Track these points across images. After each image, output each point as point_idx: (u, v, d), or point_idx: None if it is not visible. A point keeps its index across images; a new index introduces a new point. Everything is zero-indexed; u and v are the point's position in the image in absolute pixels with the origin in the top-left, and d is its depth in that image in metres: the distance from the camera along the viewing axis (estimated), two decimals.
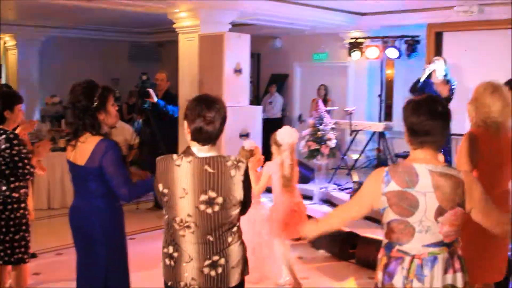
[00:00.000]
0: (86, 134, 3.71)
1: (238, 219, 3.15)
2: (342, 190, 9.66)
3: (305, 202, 8.75)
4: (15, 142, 4.52)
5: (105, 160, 3.64)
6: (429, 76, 8.46)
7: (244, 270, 3.19)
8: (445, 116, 2.86)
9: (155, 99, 8.24)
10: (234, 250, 3.10)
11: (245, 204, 3.14)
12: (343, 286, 5.96)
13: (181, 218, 3.03)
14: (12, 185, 4.63)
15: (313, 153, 9.20)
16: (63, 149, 3.77)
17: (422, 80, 8.38)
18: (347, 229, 6.76)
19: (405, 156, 4.26)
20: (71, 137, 3.80)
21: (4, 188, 4.61)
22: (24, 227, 4.74)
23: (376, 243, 2.86)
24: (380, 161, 11.16)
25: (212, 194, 2.97)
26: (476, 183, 2.84)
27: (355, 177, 9.60)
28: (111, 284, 3.82)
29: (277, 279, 5.65)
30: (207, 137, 3.03)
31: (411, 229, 2.77)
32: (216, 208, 2.98)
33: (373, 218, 7.27)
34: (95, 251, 3.78)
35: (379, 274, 2.91)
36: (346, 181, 9.94)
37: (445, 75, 8.25)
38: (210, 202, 2.98)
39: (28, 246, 4.79)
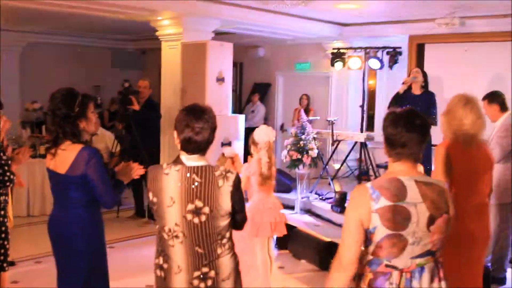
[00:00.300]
0: (67, 142, 3.68)
1: (229, 231, 3.11)
2: (324, 199, 9.67)
3: (286, 211, 8.83)
4: None
5: (89, 169, 3.61)
6: (410, 88, 8.49)
7: (237, 282, 3.15)
8: (423, 129, 2.84)
9: (137, 107, 8.20)
10: (225, 262, 3.07)
11: (238, 217, 3.13)
12: None
13: (169, 228, 3.03)
14: None
15: (295, 163, 9.21)
16: (43, 156, 3.71)
17: (400, 92, 8.42)
18: (327, 239, 6.77)
19: (386, 166, 4.26)
20: (50, 144, 3.75)
21: None
22: (3, 235, 4.68)
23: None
24: (362, 171, 11.20)
25: (199, 203, 2.96)
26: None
27: (337, 187, 9.64)
28: None
29: None
30: (196, 147, 3.03)
31: (404, 242, 2.73)
32: (203, 218, 2.97)
33: None
34: (75, 261, 3.74)
35: None
36: (328, 191, 9.96)
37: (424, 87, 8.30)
38: (197, 212, 2.96)
39: (7, 254, 4.74)
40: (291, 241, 7.08)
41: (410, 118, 2.84)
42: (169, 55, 9.30)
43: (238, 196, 3.05)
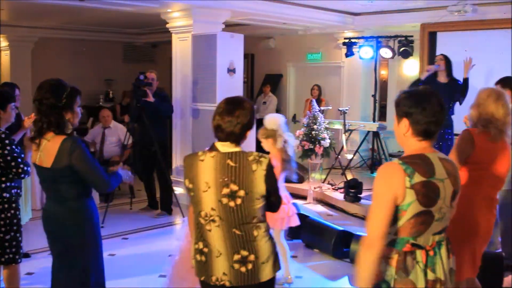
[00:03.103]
0: (50, 133, 3.66)
1: (264, 214, 3.19)
2: (336, 189, 9.65)
3: (299, 201, 8.84)
4: (6, 141, 4.47)
5: (74, 160, 3.59)
6: (436, 75, 8.42)
7: (275, 266, 3.23)
8: (444, 109, 2.87)
9: (152, 98, 8.22)
10: (263, 246, 3.15)
11: (272, 199, 3.20)
12: (338, 285, 5.94)
13: (206, 212, 3.11)
14: (3, 185, 4.59)
15: (307, 153, 9.20)
16: None
17: (422, 79, 8.38)
18: (341, 228, 6.76)
19: (399, 156, 4.24)
20: (35, 134, 3.73)
21: None
22: (15, 227, 4.69)
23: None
24: (374, 161, 11.18)
25: (234, 187, 3.04)
26: None
27: (350, 177, 9.61)
28: (88, 286, 3.78)
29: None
30: (226, 135, 3.11)
31: (430, 218, 2.75)
32: (239, 201, 3.05)
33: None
34: (72, 255, 3.74)
35: (391, 270, 2.80)
36: (340, 181, 9.93)
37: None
38: (232, 196, 3.05)
39: (20, 246, 4.75)
40: (304, 230, 7.07)
41: (435, 97, 2.84)
42: (179, 47, 9.30)
43: (272, 180, 3.12)
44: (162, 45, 15.30)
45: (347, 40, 11.17)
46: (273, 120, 5.55)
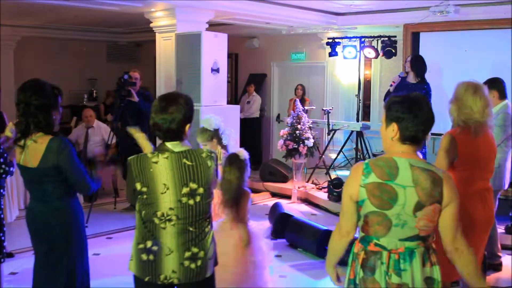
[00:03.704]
0: (37, 133, 3.66)
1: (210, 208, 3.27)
2: (320, 189, 9.70)
3: (284, 201, 8.87)
4: None
5: (62, 159, 3.61)
6: (406, 77, 8.54)
7: (216, 261, 3.35)
8: (431, 115, 2.86)
9: (136, 98, 8.20)
10: (209, 241, 3.22)
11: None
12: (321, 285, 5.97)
13: (163, 212, 3.11)
14: None
15: (291, 152, 9.24)
16: None
17: (391, 91, 8.50)
18: (324, 227, 6.80)
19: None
20: (19, 136, 3.72)
21: None
22: None
23: (354, 241, 2.88)
24: (358, 161, 11.23)
25: (193, 185, 3.09)
26: (454, 186, 2.85)
27: (333, 176, 9.65)
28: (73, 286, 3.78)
29: None
30: (163, 132, 3.13)
31: (388, 222, 2.78)
32: (198, 198, 3.11)
33: None
34: (56, 255, 3.74)
35: (358, 268, 2.89)
36: (324, 180, 9.98)
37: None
38: (192, 194, 3.10)
39: (3, 246, 4.74)
40: (288, 230, 7.10)
41: (427, 105, 2.85)
42: (163, 47, 9.28)
43: (217, 173, 3.25)
44: (146, 44, 15.25)
45: (330, 40, 11.22)
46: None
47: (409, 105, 2.82)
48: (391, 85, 8.65)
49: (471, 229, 4.04)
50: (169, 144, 3.14)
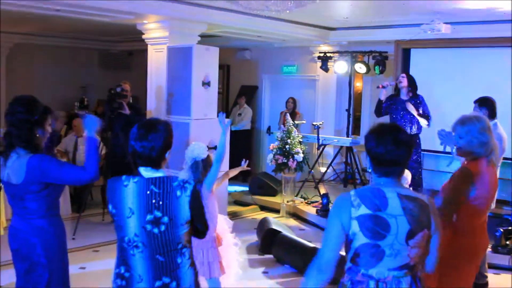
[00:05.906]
0: (19, 148, 3.66)
1: (189, 240, 3.17)
2: (309, 203, 9.70)
3: (272, 215, 8.87)
4: None
5: (43, 175, 3.59)
6: (398, 94, 8.59)
7: None
8: (409, 144, 2.87)
9: (127, 111, 8.20)
10: (185, 273, 3.11)
11: (198, 225, 3.17)
12: None
13: (129, 238, 3.07)
14: None
15: (281, 167, 9.24)
16: None
17: (382, 100, 8.56)
18: (311, 245, 6.79)
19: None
20: (4, 149, 3.70)
21: None
22: None
23: (340, 259, 2.85)
24: (348, 175, 11.27)
25: (158, 213, 3.01)
26: (437, 212, 2.88)
27: (323, 191, 9.66)
28: None
29: None
30: (144, 160, 3.09)
31: (381, 252, 2.77)
32: (163, 227, 3.02)
33: None
34: (37, 273, 3.71)
35: None
36: (314, 195, 9.99)
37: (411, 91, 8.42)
38: (156, 222, 3.02)
39: None
40: (276, 245, 7.09)
41: (396, 135, 2.84)
42: (155, 59, 9.29)
43: (197, 205, 3.10)
44: (138, 53, 15.21)
45: (322, 55, 11.25)
46: (201, 148, 5.21)
47: (373, 135, 2.89)
48: (378, 87, 8.74)
49: (473, 257, 4.03)
50: (142, 169, 3.10)
